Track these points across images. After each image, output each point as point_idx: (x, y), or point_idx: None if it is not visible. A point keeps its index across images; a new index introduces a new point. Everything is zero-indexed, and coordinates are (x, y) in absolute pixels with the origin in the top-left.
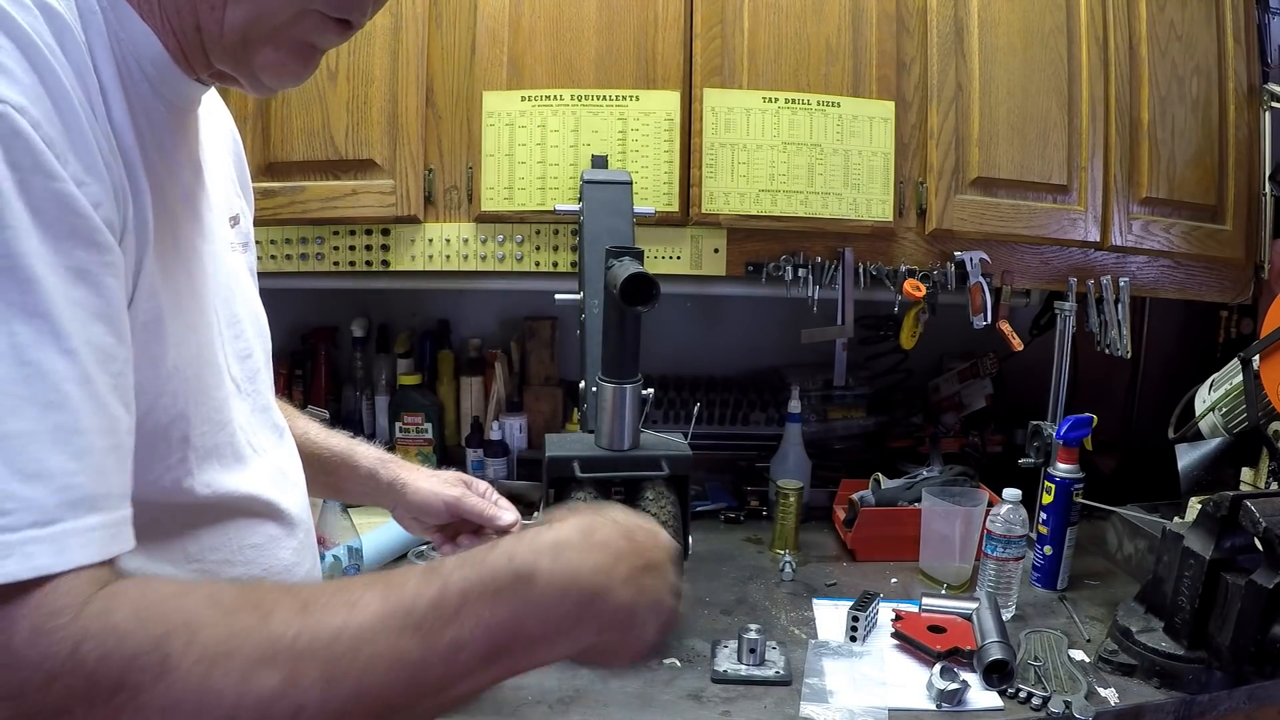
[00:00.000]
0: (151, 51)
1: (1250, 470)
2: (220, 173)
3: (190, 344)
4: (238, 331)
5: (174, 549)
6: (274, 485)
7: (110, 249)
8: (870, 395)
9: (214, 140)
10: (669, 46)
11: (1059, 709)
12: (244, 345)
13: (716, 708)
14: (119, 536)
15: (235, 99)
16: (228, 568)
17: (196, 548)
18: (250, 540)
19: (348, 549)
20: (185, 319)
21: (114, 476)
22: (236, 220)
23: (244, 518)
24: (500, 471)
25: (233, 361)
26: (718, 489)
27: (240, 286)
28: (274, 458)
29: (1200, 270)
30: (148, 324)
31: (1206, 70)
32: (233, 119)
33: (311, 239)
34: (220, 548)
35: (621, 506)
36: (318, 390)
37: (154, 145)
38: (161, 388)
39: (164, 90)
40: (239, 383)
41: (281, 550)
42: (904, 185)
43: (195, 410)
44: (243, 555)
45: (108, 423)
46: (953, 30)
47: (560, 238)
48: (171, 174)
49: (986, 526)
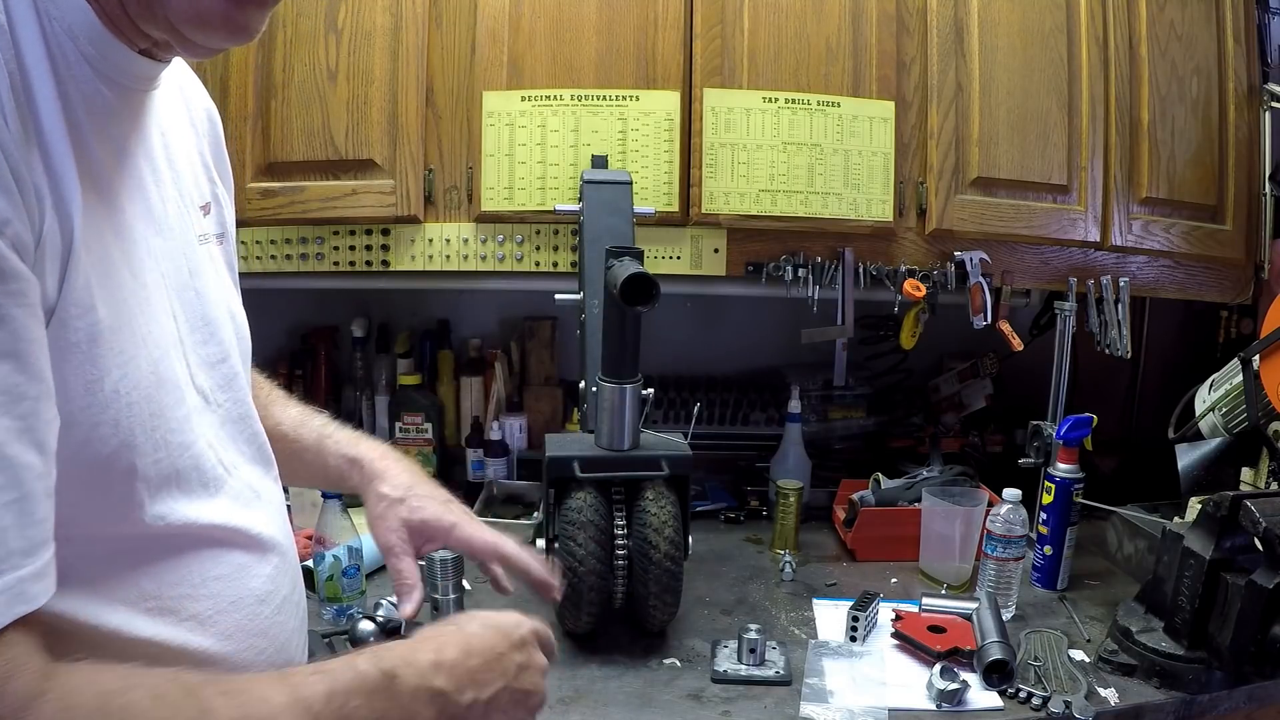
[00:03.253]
0: (85, 25)
1: (1250, 470)
2: (189, 158)
3: (139, 360)
4: (208, 334)
5: (128, 587)
6: (244, 508)
7: (17, 276)
8: (870, 395)
9: (183, 122)
10: (669, 46)
11: (1059, 709)
12: (215, 350)
13: (716, 708)
14: (22, 596)
15: (235, 98)
16: (190, 603)
17: (154, 584)
18: (215, 572)
19: (348, 549)
20: (132, 331)
21: (11, 534)
22: (209, 209)
23: (207, 548)
24: (500, 471)
25: (199, 370)
26: (718, 489)
27: (212, 282)
28: (248, 474)
29: (1200, 270)
30: (80, 344)
31: (1206, 70)
32: (214, 104)
33: (311, 239)
34: (180, 582)
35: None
36: (318, 390)
37: (94, 132)
38: (99, 415)
39: (107, 70)
40: (207, 394)
41: (252, 579)
42: (904, 185)
43: (145, 437)
44: (207, 589)
45: (9, 475)
46: (953, 30)
47: (560, 238)
48: (119, 162)
49: (986, 526)
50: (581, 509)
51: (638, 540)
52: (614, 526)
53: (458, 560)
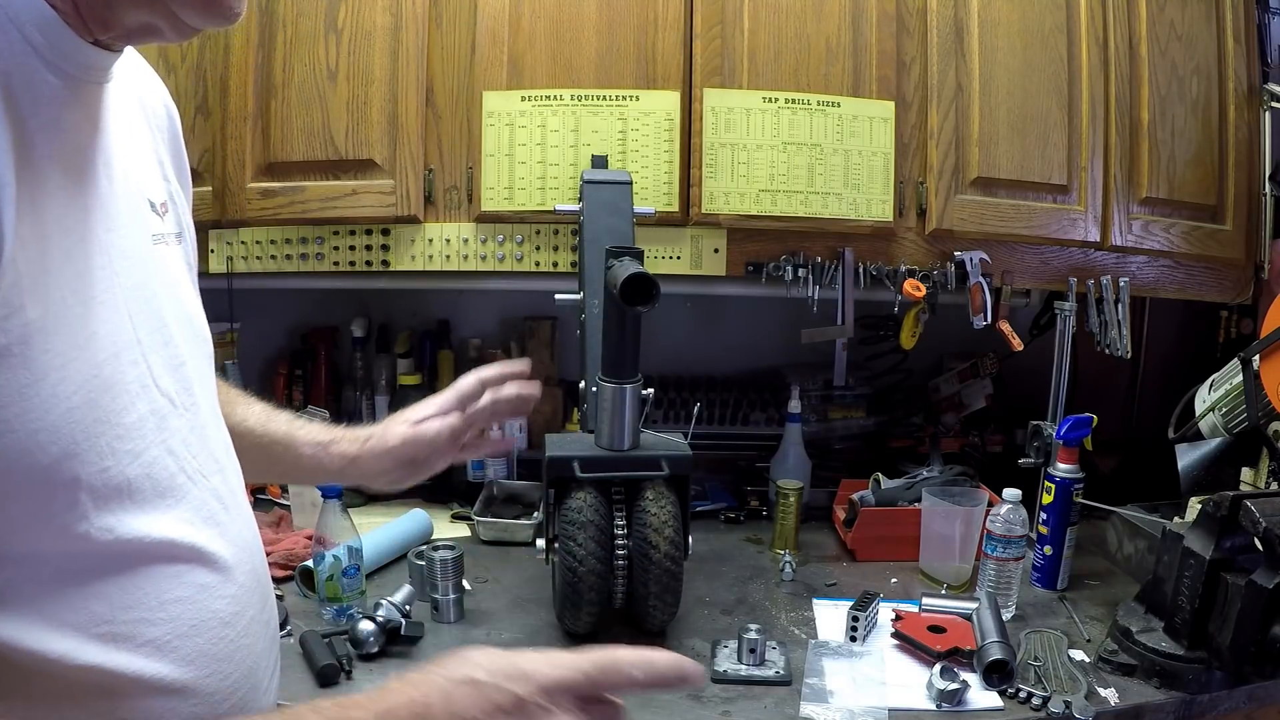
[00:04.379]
0: (36, 13)
1: (1250, 470)
2: (144, 154)
3: (79, 363)
4: (166, 337)
5: (76, 610)
6: (207, 522)
7: None
8: (870, 395)
9: (137, 117)
10: (669, 46)
11: (1059, 709)
12: (173, 353)
13: (716, 708)
14: None
15: (235, 98)
16: (146, 627)
17: (105, 607)
18: (174, 592)
19: (348, 549)
20: (72, 332)
21: None
22: (164, 208)
23: (164, 565)
24: (500, 471)
25: (162, 373)
26: (718, 489)
27: (167, 284)
28: (216, 483)
29: (1200, 270)
30: (10, 347)
31: (1206, 70)
32: (173, 98)
33: (311, 239)
34: (135, 604)
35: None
36: (318, 390)
37: (40, 124)
38: (37, 422)
39: (55, 59)
40: (173, 397)
41: (215, 599)
42: (904, 185)
43: (89, 445)
44: (165, 611)
45: None
46: (953, 30)
47: (560, 238)
48: (68, 156)
49: (986, 526)
50: (581, 509)
51: (638, 540)
52: (614, 526)
53: (458, 560)
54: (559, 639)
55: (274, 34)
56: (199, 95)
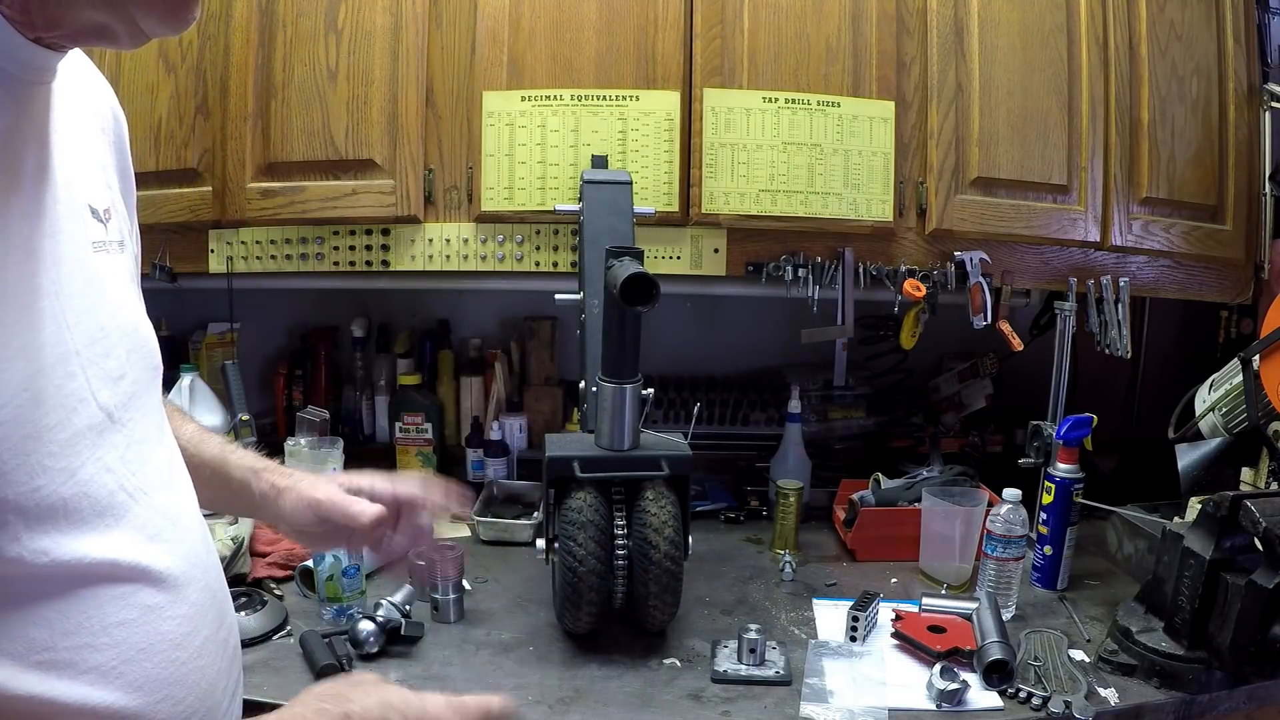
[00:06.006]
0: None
1: (1250, 470)
2: (86, 160)
3: (7, 375)
4: (106, 349)
5: (14, 638)
6: (152, 540)
7: None
8: (870, 395)
9: (84, 123)
10: (669, 46)
11: (1059, 709)
12: (114, 365)
13: (716, 708)
14: None
15: (235, 98)
16: (89, 653)
17: (44, 633)
18: (118, 616)
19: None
20: (2, 344)
21: None
22: (108, 215)
23: (105, 586)
24: (500, 472)
25: (101, 386)
26: (718, 489)
27: (108, 293)
28: (162, 500)
29: (1200, 270)
30: None
31: (1206, 70)
32: (116, 95)
33: (311, 239)
34: (77, 630)
35: None
36: (318, 390)
37: None
38: None
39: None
40: (112, 411)
41: (164, 621)
42: (904, 185)
43: (17, 463)
44: (109, 635)
45: None
46: (953, 30)
47: (560, 238)
48: (3, 158)
49: (986, 526)
50: (581, 509)
51: (638, 540)
52: (614, 526)
53: (458, 560)
54: (559, 639)
55: (274, 34)
56: (199, 95)
